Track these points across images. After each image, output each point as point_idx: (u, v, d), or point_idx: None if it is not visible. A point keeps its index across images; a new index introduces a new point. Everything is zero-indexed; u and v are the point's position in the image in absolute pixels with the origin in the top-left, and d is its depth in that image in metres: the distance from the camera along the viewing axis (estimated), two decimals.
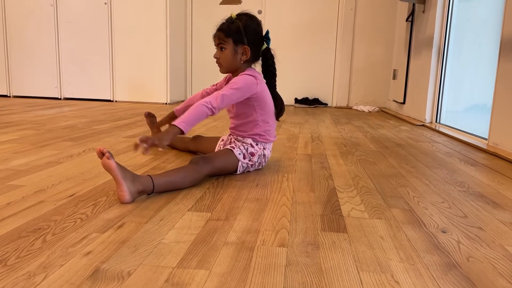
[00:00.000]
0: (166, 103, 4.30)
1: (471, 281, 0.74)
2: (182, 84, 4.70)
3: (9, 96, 4.56)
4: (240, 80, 1.40)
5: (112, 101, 4.40)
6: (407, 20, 3.78)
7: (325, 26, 4.61)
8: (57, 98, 4.49)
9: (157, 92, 4.30)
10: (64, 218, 0.98)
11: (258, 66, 1.53)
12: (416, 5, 3.57)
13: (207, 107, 1.31)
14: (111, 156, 1.09)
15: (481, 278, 0.75)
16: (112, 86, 4.38)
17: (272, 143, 1.55)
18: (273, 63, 1.52)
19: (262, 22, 4.56)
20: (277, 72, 1.55)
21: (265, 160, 1.53)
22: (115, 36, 4.27)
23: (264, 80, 1.50)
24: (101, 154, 1.09)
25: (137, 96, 4.36)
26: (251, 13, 1.48)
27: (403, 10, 4.03)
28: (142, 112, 3.42)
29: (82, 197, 1.14)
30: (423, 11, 3.39)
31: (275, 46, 1.52)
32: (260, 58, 1.51)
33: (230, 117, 1.56)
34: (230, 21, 1.44)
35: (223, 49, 1.44)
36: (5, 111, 3.22)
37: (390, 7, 4.43)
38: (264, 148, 1.51)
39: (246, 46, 1.43)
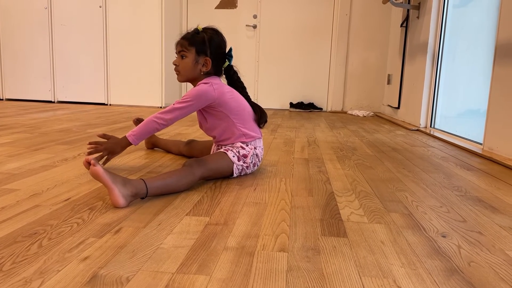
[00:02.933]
0: (161, 107, 4.28)
1: (473, 286, 0.73)
2: (177, 87, 4.68)
3: (2, 99, 4.52)
4: (192, 92, 1.42)
5: (107, 104, 4.38)
6: (401, 25, 3.81)
7: (320, 31, 4.63)
8: (50, 101, 4.45)
9: (152, 96, 4.28)
10: (60, 223, 0.96)
11: (224, 81, 1.56)
12: (411, 11, 3.60)
13: (158, 122, 1.39)
14: (97, 162, 1.08)
15: (483, 283, 0.74)
16: (107, 90, 4.35)
17: (261, 141, 1.54)
18: (238, 78, 1.56)
19: (258, 27, 4.61)
20: (271, 76, 1.57)
21: (258, 159, 1.52)
22: (110, 39, 4.26)
23: (225, 84, 1.51)
24: (88, 164, 1.09)
25: (131, 99, 4.34)
26: (218, 29, 1.51)
27: (398, 15, 4.06)
28: (137, 116, 3.40)
29: (78, 201, 1.13)
30: (418, 17, 3.41)
31: (271, 50, 1.55)
32: (224, 75, 1.55)
33: (207, 132, 1.55)
34: (195, 31, 1.46)
35: (184, 57, 1.46)
36: None
37: (384, 13, 4.46)
38: (255, 148, 1.50)
39: (208, 58, 1.45)
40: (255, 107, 1.55)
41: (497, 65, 2.08)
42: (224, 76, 1.56)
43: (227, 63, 1.52)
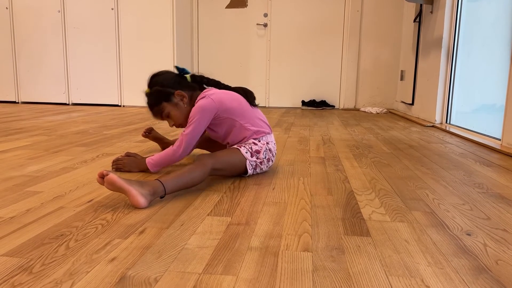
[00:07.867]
0: None
1: (502, 285, 0.72)
2: None
3: (18, 102, 4.59)
4: (195, 110, 1.43)
5: (120, 106, 4.41)
6: (414, 21, 3.77)
7: (331, 28, 4.61)
8: (65, 104, 4.51)
9: None
10: (85, 224, 0.97)
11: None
12: (424, 5, 3.55)
13: (174, 154, 1.42)
14: (109, 171, 1.09)
15: None
16: (120, 91, 4.39)
17: (272, 136, 1.55)
18: (206, 78, 1.57)
19: (268, 25, 4.61)
20: (282, 74, 1.57)
21: (272, 155, 1.52)
22: (122, 41, 4.29)
23: (218, 90, 1.52)
24: (102, 179, 1.10)
25: (144, 100, 4.36)
26: (155, 73, 1.58)
27: (410, 11, 4.02)
28: (151, 117, 3.42)
29: (100, 202, 1.14)
30: (431, 12, 3.37)
31: (282, 49, 1.54)
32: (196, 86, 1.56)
33: (221, 141, 1.56)
34: (149, 95, 1.55)
35: (169, 114, 1.51)
36: (15, 117, 3.24)
37: (396, 8, 4.42)
38: (267, 143, 1.50)
39: (176, 91, 1.48)
40: (239, 90, 1.55)
41: None
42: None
43: (188, 77, 1.53)
